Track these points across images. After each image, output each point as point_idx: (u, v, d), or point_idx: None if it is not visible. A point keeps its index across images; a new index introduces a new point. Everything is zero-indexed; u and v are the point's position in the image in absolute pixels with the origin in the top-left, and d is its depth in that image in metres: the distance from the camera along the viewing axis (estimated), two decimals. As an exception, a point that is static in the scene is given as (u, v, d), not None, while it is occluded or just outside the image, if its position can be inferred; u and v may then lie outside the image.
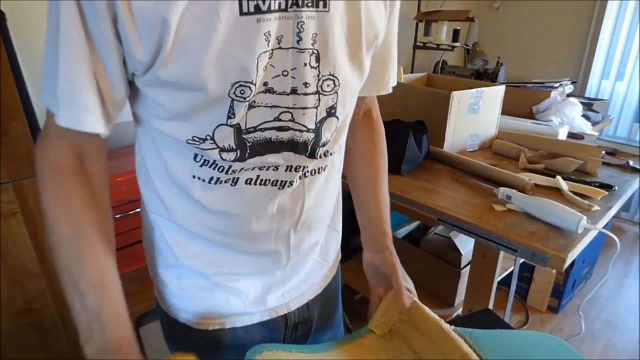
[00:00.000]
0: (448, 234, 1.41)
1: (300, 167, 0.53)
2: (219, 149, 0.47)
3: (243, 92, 0.42)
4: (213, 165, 0.49)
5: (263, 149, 0.49)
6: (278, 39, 0.42)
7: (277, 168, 0.51)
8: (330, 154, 0.56)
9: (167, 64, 0.40)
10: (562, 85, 1.93)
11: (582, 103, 1.94)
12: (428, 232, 1.49)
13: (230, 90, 0.42)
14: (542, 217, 0.90)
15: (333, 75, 0.47)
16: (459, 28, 2.31)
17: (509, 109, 1.79)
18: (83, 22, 0.39)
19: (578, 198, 1.02)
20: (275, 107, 0.46)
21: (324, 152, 0.54)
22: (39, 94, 0.45)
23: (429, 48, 2.34)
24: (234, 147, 0.47)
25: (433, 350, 0.55)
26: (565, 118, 1.78)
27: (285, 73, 0.44)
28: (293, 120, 0.48)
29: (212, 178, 0.50)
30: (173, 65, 0.40)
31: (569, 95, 1.96)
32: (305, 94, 0.46)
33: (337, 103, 0.50)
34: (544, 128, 1.59)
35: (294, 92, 0.46)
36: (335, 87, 0.48)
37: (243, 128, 0.46)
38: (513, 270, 1.24)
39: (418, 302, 0.60)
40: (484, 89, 1.39)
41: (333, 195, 0.64)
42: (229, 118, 0.44)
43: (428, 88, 1.60)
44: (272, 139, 0.48)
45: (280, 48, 0.43)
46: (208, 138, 0.46)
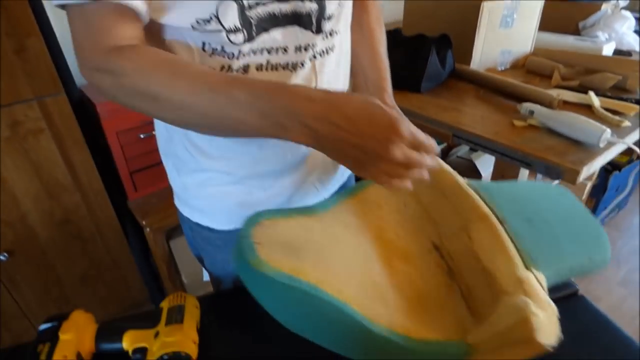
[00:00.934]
0: (469, 157, 1.37)
1: (309, 45, 0.52)
2: (226, 31, 0.46)
3: None
4: (222, 54, 0.48)
5: (268, 24, 0.48)
6: None
7: (286, 50, 0.51)
8: (337, 33, 0.55)
9: None
10: (614, -4, 1.71)
11: (637, 18, 1.73)
12: (449, 154, 1.46)
13: None
14: (563, 131, 0.86)
15: None
16: None
17: (553, 25, 1.63)
18: None
19: (609, 114, 0.95)
20: None
21: (330, 29, 0.53)
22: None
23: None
24: (240, 26, 0.47)
25: (445, 206, 0.52)
26: (614, 34, 1.61)
27: None
28: None
29: (223, 67, 0.49)
30: None
31: (624, 9, 1.75)
32: None
33: None
34: (587, 44, 1.45)
35: None
36: None
37: (245, 4, 0.46)
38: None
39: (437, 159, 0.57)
40: (519, 0, 1.26)
41: (344, 83, 0.63)
42: None
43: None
44: (275, 13, 0.48)
45: None
46: (212, 17, 0.45)
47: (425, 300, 0.46)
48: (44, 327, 0.52)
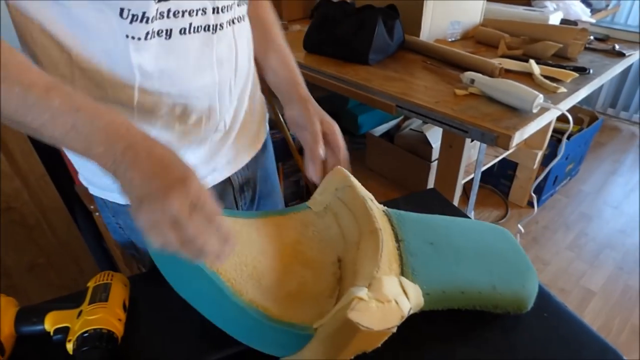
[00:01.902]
0: (421, 129, 1.39)
1: (226, 7, 0.53)
2: None
3: None
4: (143, 19, 0.46)
5: None
6: None
7: (204, 12, 0.51)
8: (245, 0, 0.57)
9: None
10: (562, -34, 1.74)
11: (584, -12, 1.78)
12: (402, 127, 1.48)
13: None
14: (500, 98, 0.88)
15: None
16: None
17: (503, -4, 1.64)
18: None
19: (547, 81, 0.98)
20: None
21: None
22: None
23: None
24: None
25: (353, 226, 0.56)
26: (562, 4, 1.64)
27: None
28: None
29: (147, 33, 0.47)
30: None
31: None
32: None
33: None
34: (535, 14, 1.47)
35: None
36: None
37: None
38: (477, 159, 1.24)
39: (353, 181, 0.60)
40: (466, -32, 1.26)
41: (251, 50, 0.65)
42: None
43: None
44: None
45: None
46: None
47: (304, 296, 0.49)
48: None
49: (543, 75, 1.02)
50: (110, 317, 0.51)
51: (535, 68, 1.03)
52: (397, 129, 1.55)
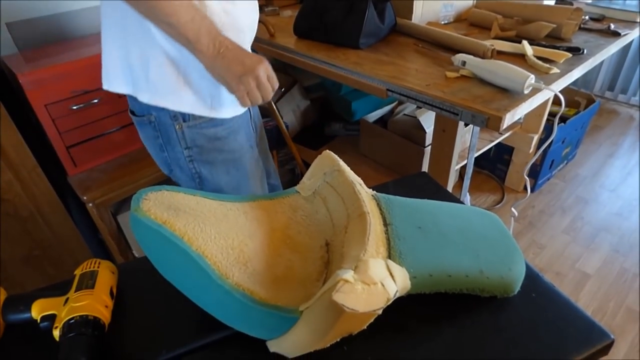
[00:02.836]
0: (414, 114, 1.38)
1: None
2: None
3: None
4: None
5: None
6: None
7: None
8: None
9: None
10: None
11: (580, -33, 1.74)
12: (395, 112, 1.47)
13: None
14: (491, 79, 0.86)
15: None
16: None
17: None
18: None
19: (539, 62, 0.97)
20: None
21: None
22: None
23: None
24: None
25: (342, 210, 0.56)
26: (557, -16, 1.61)
27: None
28: None
29: None
30: None
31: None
32: None
33: None
34: (529, -5, 1.45)
35: None
36: None
37: None
38: (471, 143, 1.24)
39: (342, 165, 0.60)
40: (458, -52, 1.24)
41: None
42: None
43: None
44: None
45: None
46: None
47: (291, 280, 0.49)
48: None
49: (536, 56, 1.00)
50: (97, 303, 0.51)
51: (528, 49, 1.02)
52: (390, 115, 1.54)
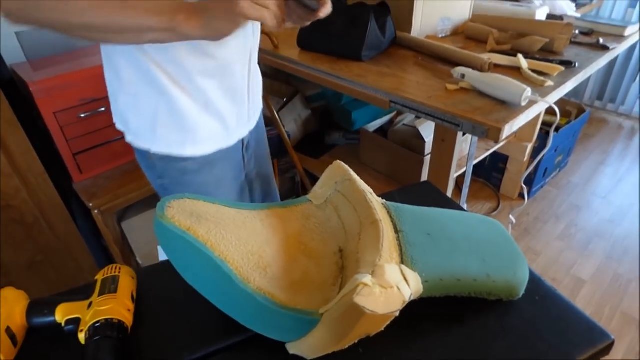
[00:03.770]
0: (414, 124, 1.42)
1: None
2: None
3: None
4: None
5: None
6: None
7: None
8: None
9: None
10: (549, -38, 1.77)
11: (570, -17, 1.81)
12: (395, 122, 1.50)
13: None
14: (490, 92, 0.90)
15: None
16: None
17: (492, -8, 1.67)
18: None
19: (534, 75, 1.01)
20: None
21: None
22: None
23: None
24: None
25: (354, 217, 0.58)
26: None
27: None
28: None
29: None
30: None
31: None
32: None
33: None
34: (522, 9, 1.51)
35: None
36: None
37: None
38: (469, 152, 1.28)
39: (353, 174, 0.62)
40: (456, -35, 1.28)
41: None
42: None
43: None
44: None
45: None
46: None
47: (308, 284, 0.51)
48: (-29, 305, 0.51)
49: (530, 69, 1.05)
50: (120, 307, 0.52)
51: (523, 62, 1.06)
52: (390, 124, 1.58)
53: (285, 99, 1.74)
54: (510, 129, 0.82)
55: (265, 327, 0.49)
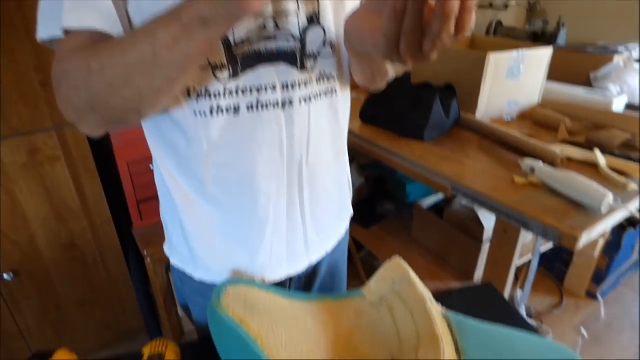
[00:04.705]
0: (472, 206, 1.36)
1: (296, 83, 0.53)
2: (212, 67, 0.49)
3: None
4: (207, 95, 0.50)
5: (253, 61, 0.50)
6: None
7: (274, 88, 0.52)
8: (327, 78, 0.57)
9: None
10: (628, 50, 1.72)
11: (651, 71, 1.73)
12: (452, 203, 1.45)
13: None
14: (564, 191, 0.84)
15: None
16: (518, -16, 2.11)
17: (564, 76, 1.64)
18: None
19: (614, 175, 0.94)
20: (258, 16, 0.49)
21: (320, 71, 0.55)
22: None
23: (482, 7, 2.17)
24: (225, 63, 0.49)
25: (410, 325, 0.55)
26: (626, 87, 1.60)
27: None
28: (278, 28, 0.50)
29: (212, 108, 0.50)
30: None
31: (637, 61, 1.75)
32: None
33: (319, 10, 0.51)
34: (597, 97, 1.44)
35: None
36: None
37: (232, 42, 0.49)
38: (535, 245, 1.18)
39: (413, 276, 0.59)
40: (526, 52, 1.28)
41: (340, 130, 0.65)
42: None
43: (463, 49, 1.51)
44: (260, 51, 0.50)
45: None
46: None
47: None
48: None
49: (609, 167, 0.98)
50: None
51: (601, 159, 0.99)
52: (446, 202, 1.53)
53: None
54: (588, 238, 0.75)
55: None
